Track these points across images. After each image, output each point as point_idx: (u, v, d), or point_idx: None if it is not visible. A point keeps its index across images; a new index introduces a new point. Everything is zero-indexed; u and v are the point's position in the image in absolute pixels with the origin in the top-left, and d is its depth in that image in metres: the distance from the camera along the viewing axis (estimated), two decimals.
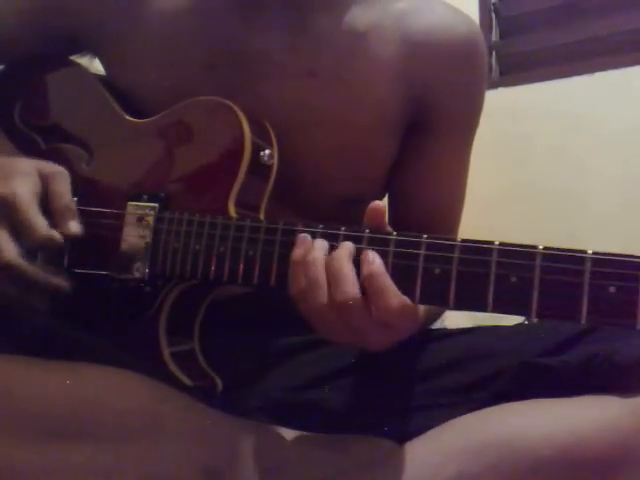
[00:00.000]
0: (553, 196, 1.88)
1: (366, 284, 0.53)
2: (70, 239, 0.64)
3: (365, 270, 0.53)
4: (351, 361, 0.70)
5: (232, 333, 0.72)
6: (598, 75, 1.92)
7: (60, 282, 0.63)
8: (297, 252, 0.56)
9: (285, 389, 0.68)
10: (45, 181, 0.64)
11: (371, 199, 0.85)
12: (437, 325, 0.80)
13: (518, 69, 2.11)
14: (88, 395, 0.56)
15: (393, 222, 0.82)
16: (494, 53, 2.13)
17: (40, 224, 0.61)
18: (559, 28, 2.05)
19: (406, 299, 0.53)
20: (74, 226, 0.64)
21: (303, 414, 0.65)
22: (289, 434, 0.61)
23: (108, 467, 0.54)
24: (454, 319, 1.19)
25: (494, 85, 2.06)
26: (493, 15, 2.14)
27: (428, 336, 0.73)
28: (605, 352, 0.57)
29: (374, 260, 0.54)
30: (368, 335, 0.54)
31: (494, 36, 2.14)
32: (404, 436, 0.61)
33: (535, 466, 0.52)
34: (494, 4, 2.12)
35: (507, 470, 0.52)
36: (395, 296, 0.52)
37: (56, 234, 0.62)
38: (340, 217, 0.58)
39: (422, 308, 0.61)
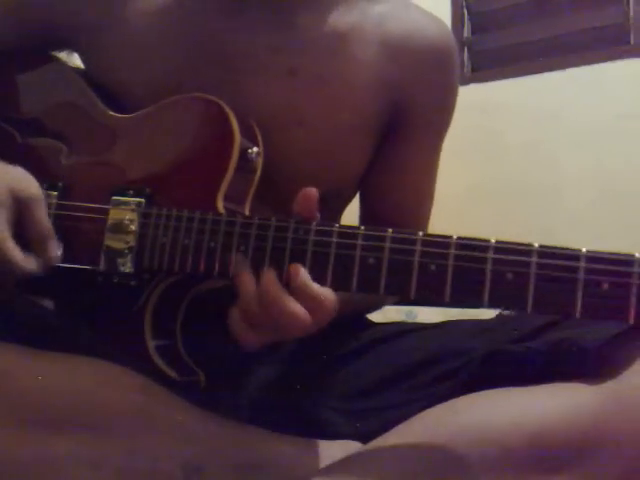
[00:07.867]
0: (526, 191, 1.90)
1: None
2: (50, 265, 0.65)
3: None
4: (327, 362, 0.70)
5: (217, 332, 0.72)
6: (570, 71, 1.94)
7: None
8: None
9: (264, 390, 0.69)
10: (21, 206, 0.64)
11: (348, 194, 0.86)
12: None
13: (490, 65, 2.13)
14: (79, 387, 0.56)
15: (363, 217, 0.84)
16: (466, 49, 2.14)
17: (16, 258, 0.62)
18: (531, 24, 2.07)
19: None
20: (53, 252, 0.65)
21: (280, 415, 0.66)
22: (265, 434, 0.62)
23: (93, 459, 0.54)
24: (426, 315, 1.19)
25: (466, 81, 2.07)
26: (465, 11, 2.15)
27: (401, 333, 0.74)
28: (570, 338, 0.58)
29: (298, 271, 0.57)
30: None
31: (466, 32, 2.15)
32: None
33: (504, 455, 0.51)
34: (466, 0, 2.13)
35: (476, 460, 0.51)
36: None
37: (32, 264, 0.63)
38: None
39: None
